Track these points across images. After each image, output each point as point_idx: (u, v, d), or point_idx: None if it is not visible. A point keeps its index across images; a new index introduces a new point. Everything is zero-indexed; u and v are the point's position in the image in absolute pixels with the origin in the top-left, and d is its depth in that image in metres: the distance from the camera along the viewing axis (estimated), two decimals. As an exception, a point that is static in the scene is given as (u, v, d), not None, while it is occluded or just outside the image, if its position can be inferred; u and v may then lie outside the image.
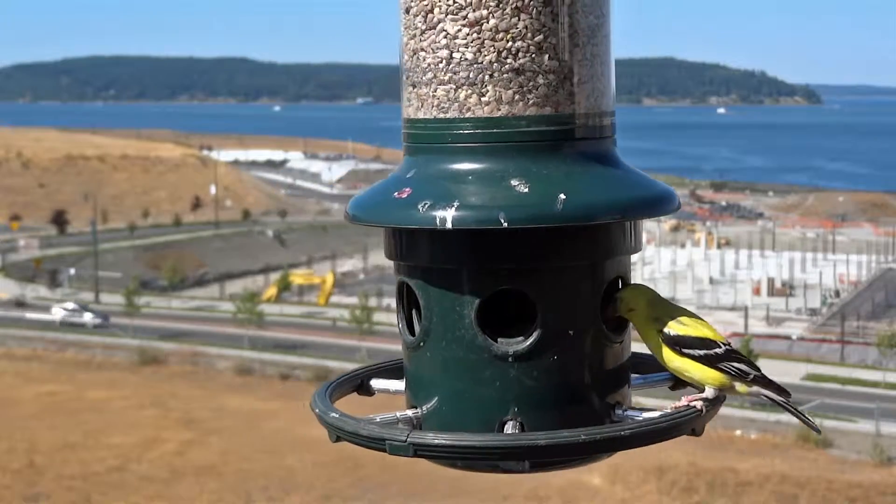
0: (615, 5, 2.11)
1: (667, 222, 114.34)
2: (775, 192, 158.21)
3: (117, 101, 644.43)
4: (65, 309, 64.72)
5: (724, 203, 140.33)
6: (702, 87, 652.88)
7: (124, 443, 39.95)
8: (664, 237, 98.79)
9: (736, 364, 2.04)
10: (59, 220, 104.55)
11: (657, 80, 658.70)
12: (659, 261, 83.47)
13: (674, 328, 2.05)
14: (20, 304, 70.52)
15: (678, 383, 2.21)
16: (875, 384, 50.76)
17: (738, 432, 42.46)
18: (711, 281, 78.71)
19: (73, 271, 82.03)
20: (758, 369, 2.06)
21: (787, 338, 60.49)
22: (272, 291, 75.76)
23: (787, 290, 74.42)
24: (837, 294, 74.54)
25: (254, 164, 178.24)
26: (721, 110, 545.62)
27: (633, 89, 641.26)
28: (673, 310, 2.09)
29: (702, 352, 2.04)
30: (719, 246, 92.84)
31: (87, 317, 64.04)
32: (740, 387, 2.05)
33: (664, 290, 77.78)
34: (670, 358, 2.06)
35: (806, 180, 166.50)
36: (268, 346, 57.87)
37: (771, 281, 75.06)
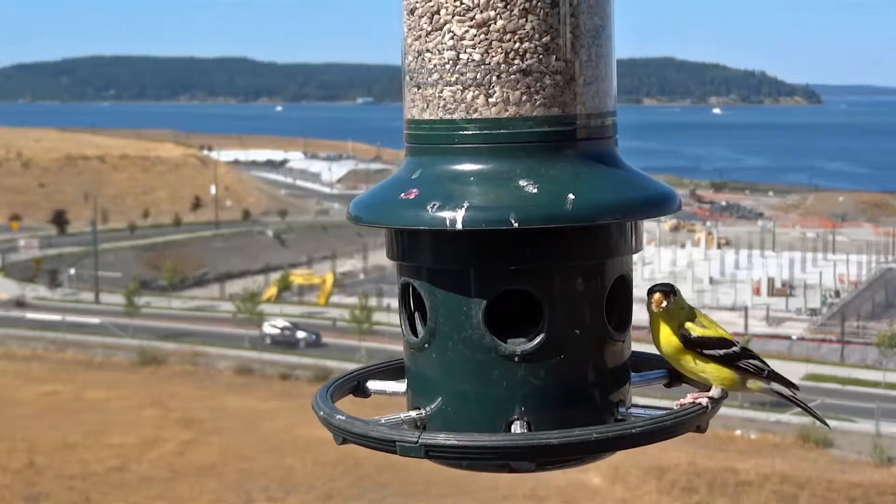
0: (616, 6, 2.13)
1: (667, 222, 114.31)
2: (775, 192, 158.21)
3: (117, 101, 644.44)
4: (276, 327, 60.46)
5: (724, 203, 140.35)
6: (702, 87, 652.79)
7: (124, 443, 39.95)
8: (664, 237, 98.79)
9: (752, 361, 2.10)
10: (59, 220, 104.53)
11: (657, 80, 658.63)
12: (659, 261, 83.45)
13: (694, 330, 2.10)
14: (20, 304, 70.50)
15: (673, 381, 2.24)
16: (875, 384, 50.76)
17: (738, 432, 42.47)
18: (711, 281, 78.71)
19: (73, 271, 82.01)
20: (768, 366, 2.12)
21: (787, 338, 60.47)
22: (272, 291, 75.76)
23: (787, 290, 74.41)
24: (837, 294, 74.53)
25: (254, 164, 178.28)
26: (716, 110, 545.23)
27: (633, 89, 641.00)
28: (692, 312, 2.15)
29: (721, 352, 2.09)
30: (719, 246, 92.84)
31: (301, 335, 59.78)
32: (752, 384, 2.10)
33: (664, 290, 77.86)
34: (688, 359, 2.10)
35: (806, 180, 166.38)
36: (268, 346, 57.90)
37: (771, 281, 75.05)
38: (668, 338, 2.10)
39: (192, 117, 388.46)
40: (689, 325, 2.09)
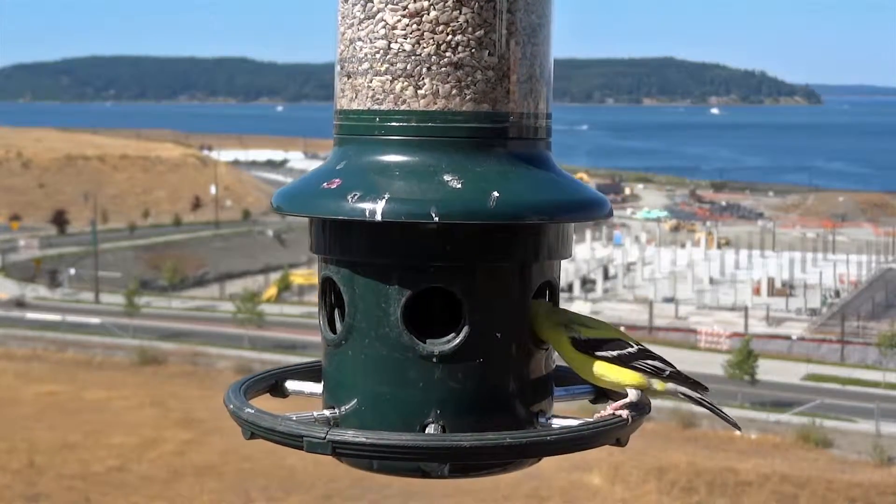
0: (557, 7, 2.08)
1: (667, 222, 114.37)
2: (775, 192, 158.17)
3: (117, 101, 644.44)
4: None
5: (724, 203, 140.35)
6: (702, 87, 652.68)
7: (124, 443, 39.92)
8: (664, 237, 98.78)
9: (650, 361, 2.01)
10: (59, 220, 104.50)
11: (657, 80, 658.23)
12: (659, 261, 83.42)
13: (584, 332, 2.02)
14: (20, 304, 70.47)
15: (599, 396, 2.18)
16: (875, 384, 50.75)
17: (739, 432, 42.47)
18: (711, 281, 78.69)
19: (73, 271, 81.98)
20: (672, 366, 2.02)
21: (787, 338, 60.47)
22: (272, 291, 75.74)
23: (787, 290, 74.40)
24: (837, 294, 74.52)
25: (254, 164, 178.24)
26: (714, 110, 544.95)
27: (633, 89, 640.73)
28: (577, 316, 2.05)
29: (615, 352, 2.00)
30: (719, 246, 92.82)
31: None
32: (657, 384, 2.00)
33: (664, 290, 77.78)
34: (584, 363, 2.02)
35: (806, 180, 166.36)
36: (268, 346, 57.87)
37: (771, 281, 75.04)
38: (559, 346, 2.03)
39: (192, 117, 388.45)
40: (579, 328, 2.02)
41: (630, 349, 2.01)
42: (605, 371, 2.01)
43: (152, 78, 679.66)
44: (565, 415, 2.08)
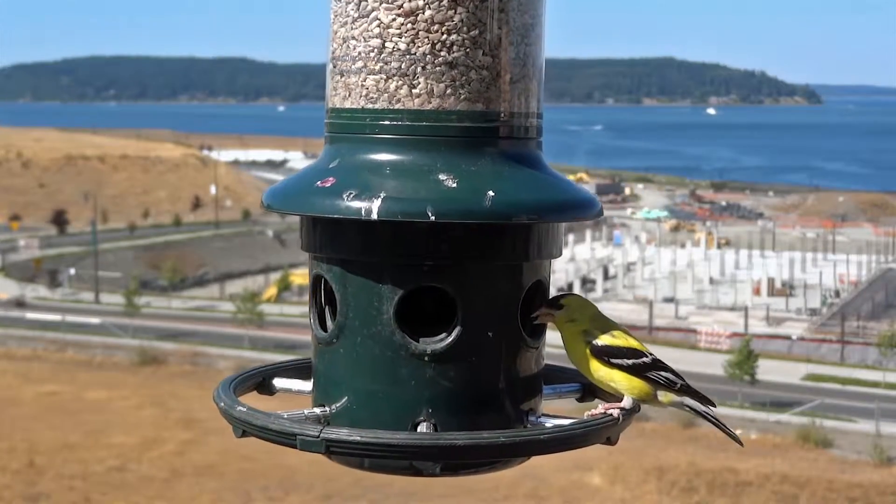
0: (549, 7, 2.10)
1: (667, 222, 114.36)
2: (775, 192, 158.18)
3: (117, 101, 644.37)
4: None
5: (724, 203, 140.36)
6: (702, 87, 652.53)
7: (124, 443, 39.92)
8: (664, 237, 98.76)
9: (663, 373, 2.05)
10: (59, 220, 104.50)
11: (657, 80, 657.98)
12: (659, 261, 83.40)
13: (602, 339, 2.06)
14: (20, 304, 70.47)
15: (585, 395, 2.22)
16: (875, 384, 50.73)
17: (739, 432, 42.34)
18: (711, 281, 78.67)
19: (73, 271, 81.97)
20: (682, 378, 2.07)
21: (787, 338, 60.46)
22: (272, 291, 75.74)
23: (787, 290, 74.38)
24: (837, 294, 74.49)
25: (254, 164, 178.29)
26: (710, 110, 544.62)
27: (633, 89, 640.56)
28: (598, 318, 2.09)
29: (630, 361, 2.04)
30: (719, 246, 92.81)
31: None
32: (664, 396, 2.05)
33: (664, 290, 77.69)
34: (597, 368, 2.06)
35: (806, 180, 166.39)
36: (268, 346, 57.86)
37: (771, 281, 75.02)
38: (575, 346, 2.07)
39: (192, 117, 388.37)
40: (598, 334, 2.06)
41: (644, 359, 2.05)
42: (617, 378, 2.05)
43: (152, 78, 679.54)
44: (555, 414, 2.09)
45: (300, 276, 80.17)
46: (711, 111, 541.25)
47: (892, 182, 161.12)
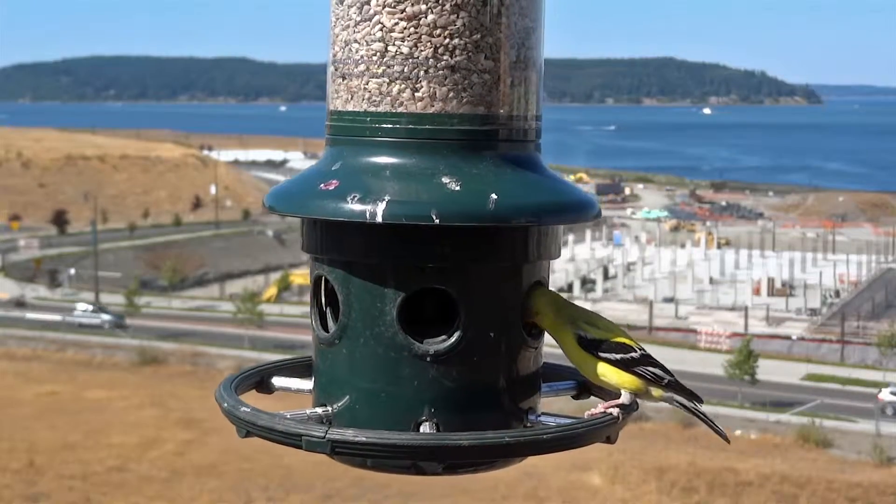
0: (548, 10, 2.10)
1: (667, 222, 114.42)
2: (775, 192, 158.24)
3: (117, 101, 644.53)
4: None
5: (724, 203, 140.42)
6: (702, 87, 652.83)
7: (124, 443, 39.92)
8: (664, 237, 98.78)
9: (651, 368, 2.04)
10: (59, 220, 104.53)
11: (657, 80, 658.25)
12: (659, 261, 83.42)
13: (591, 332, 2.05)
14: (20, 304, 70.49)
15: (581, 393, 2.22)
16: (875, 384, 50.73)
17: (738, 432, 42.43)
18: (711, 281, 78.70)
19: (73, 271, 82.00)
20: (671, 374, 2.06)
21: (787, 338, 60.49)
22: (272, 291, 75.76)
23: (787, 290, 74.41)
24: (837, 294, 74.53)
25: (254, 164, 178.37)
26: (706, 110, 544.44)
27: (633, 89, 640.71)
28: (586, 313, 2.08)
29: (619, 356, 2.03)
30: (719, 246, 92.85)
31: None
32: (655, 391, 2.04)
33: (664, 290, 77.68)
34: (586, 361, 2.05)
35: (806, 180, 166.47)
36: (268, 346, 57.87)
37: (771, 281, 75.05)
38: (562, 340, 2.06)
39: (192, 117, 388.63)
40: (588, 327, 2.05)
41: (633, 354, 2.04)
42: (606, 372, 2.04)
43: (152, 78, 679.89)
44: (553, 412, 2.10)
45: (300, 276, 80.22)
46: (707, 111, 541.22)
47: (892, 182, 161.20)
